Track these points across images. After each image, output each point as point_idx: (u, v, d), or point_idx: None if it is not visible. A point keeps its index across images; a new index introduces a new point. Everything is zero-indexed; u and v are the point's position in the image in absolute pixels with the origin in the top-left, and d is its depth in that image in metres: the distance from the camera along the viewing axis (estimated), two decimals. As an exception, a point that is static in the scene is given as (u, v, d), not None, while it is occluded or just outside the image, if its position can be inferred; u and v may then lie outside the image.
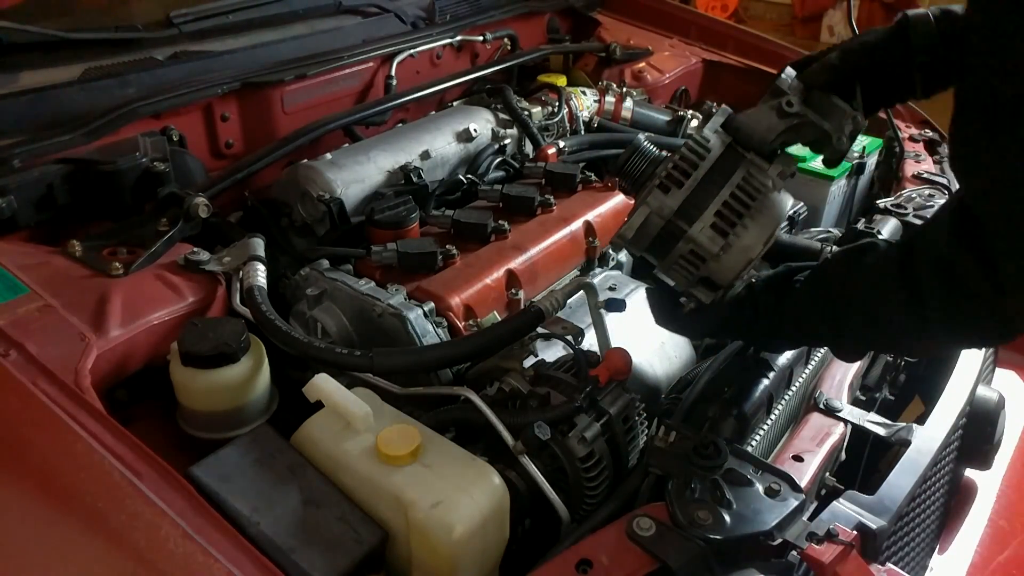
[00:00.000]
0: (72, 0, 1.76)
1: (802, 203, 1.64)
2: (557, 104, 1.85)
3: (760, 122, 0.91)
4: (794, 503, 0.87)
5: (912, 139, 1.90)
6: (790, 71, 0.93)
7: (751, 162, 0.92)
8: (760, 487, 0.88)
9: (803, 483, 0.92)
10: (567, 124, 1.87)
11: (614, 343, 1.13)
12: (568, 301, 1.11)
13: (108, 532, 0.78)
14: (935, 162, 1.82)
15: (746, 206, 0.91)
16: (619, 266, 1.51)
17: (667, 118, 1.96)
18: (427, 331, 1.13)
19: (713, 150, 0.92)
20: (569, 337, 1.08)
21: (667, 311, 1.04)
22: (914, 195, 1.63)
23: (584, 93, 1.96)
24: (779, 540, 0.84)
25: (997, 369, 1.55)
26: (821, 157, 0.95)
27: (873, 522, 0.92)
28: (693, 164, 0.92)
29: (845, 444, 1.08)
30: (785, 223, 1.61)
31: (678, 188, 0.91)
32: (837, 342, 0.96)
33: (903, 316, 0.82)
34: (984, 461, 1.31)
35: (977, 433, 1.29)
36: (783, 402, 1.15)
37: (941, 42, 0.89)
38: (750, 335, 1.06)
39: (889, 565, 0.94)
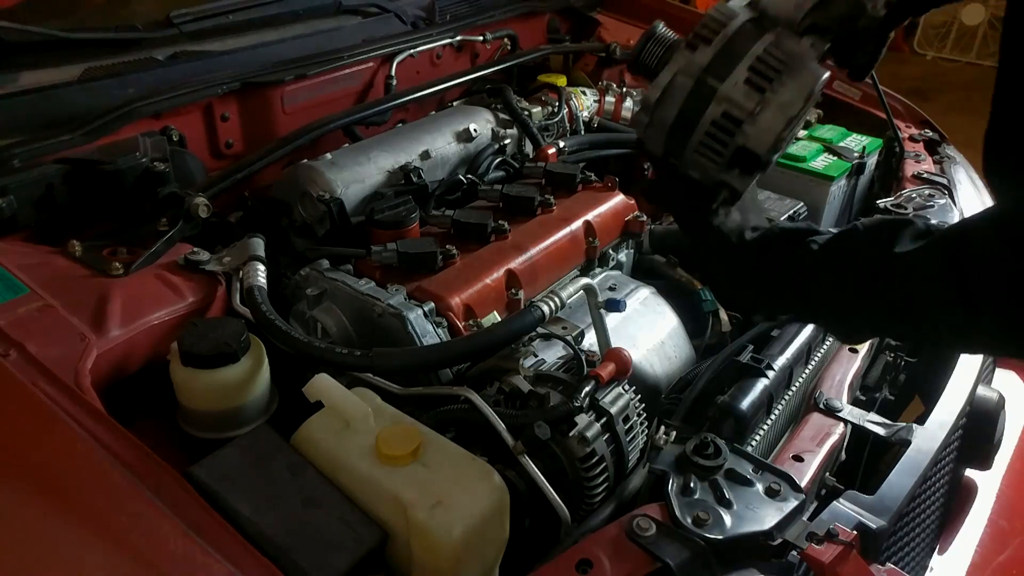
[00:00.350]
0: (72, 0, 1.76)
1: (802, 203, 1.64)
2: (557, 104, 1.85)
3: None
4: (794, 503, 0.87)
5: (912, 139, 1.90)
6: None
7: (782, 32, 0.84)
8: (760, 487, 0.88)
9: (803, 483, 0.92)
10: (567, 124, 1.87)
11: (614, 343, 1.13)
12: (568, 301, 1.11)
13: (108, 532, 0.78)
14: (935, 162, 1.83)
15: (782, 63, 0.82)
16: (619, 266, 1.51)
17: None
18: (427, 331, 1.13)
19: (741, 15, 0.85)
20: (569, 337, 1.08)
21: (689, 214, 0.95)
22: (914, 195, 1.64)
23: (584, 93, 1.96)
24: (779, 540, 0.84)
25: (997, 369, 1.55)
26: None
27: (873, 522, 0.92)
28: (721, 24, 0.85)
29: (845, 444, 1.08)
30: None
31: (707, 45, 0.84)
32: (846, 321, 0.91)
33: (948, 315, 0.79)
34: (984, 461, 1.31)
35: (977, 433, 1.29)
36: (783, 402, 1.15)
37: None
38: (746, 286, 0.99)
39: (889, 565, 0.94)
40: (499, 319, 1.22)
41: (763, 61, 0.82)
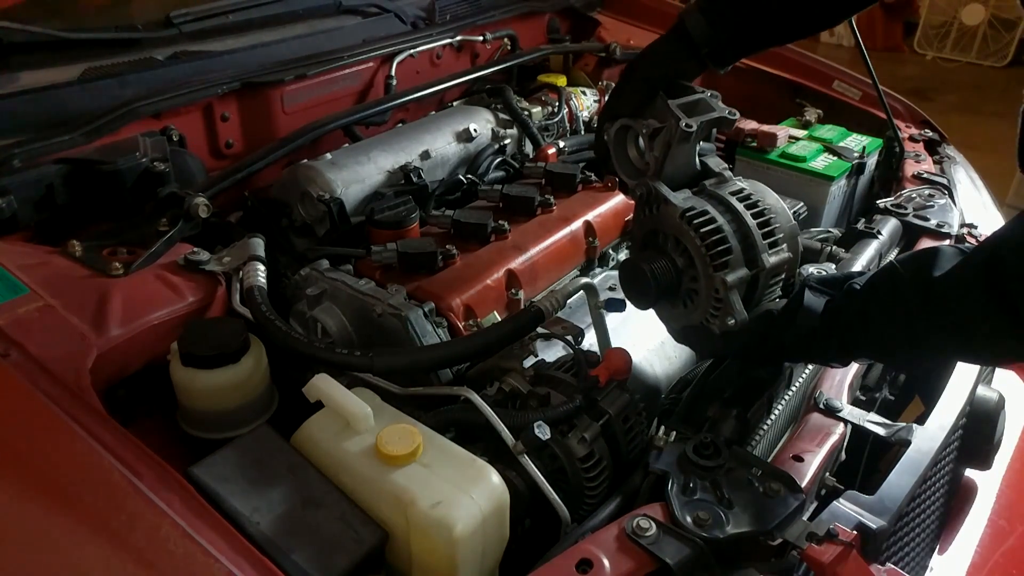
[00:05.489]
0: (72, 0, 1.76)
1: (802, 203, 1.64)
2: (557, 104, 1.85)
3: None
4: (794, 503, 0.87)
5: (912, 139, 1.90)
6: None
7: None
8: (760, 487, 0.88)
9: (803, 483, 0.92)
10: (567, 124, 1.87)
11: (614, 343, 1.13)
12: (568, 301, 1.11)
13: (108, 532, 0.78)
14: (935, 162, 1.82)
15: None
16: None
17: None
18: (427, 331, 1.13)
19: None
20: (569, 337, 1.08)
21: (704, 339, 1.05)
22: (914, 195, 1.64)
23: (584, 93, 1.96)
24: (779, 540, 0.84)
25: (997, 369, 1.54)
26: None
27: (873, 522, 0.92)
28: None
29: (845, 444, 1.08)
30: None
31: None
32: (915, 355, 0.95)
33: (994, 326, 0.80)
34: (984, 461, 1.31)
35: (977, 433, 1.28)
36: (783, 402, 1.15)
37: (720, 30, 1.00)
38: (814, 346, 1.02)
39: (889, 565, 0.94)
40: (499, 319, 1.22)
41: None
